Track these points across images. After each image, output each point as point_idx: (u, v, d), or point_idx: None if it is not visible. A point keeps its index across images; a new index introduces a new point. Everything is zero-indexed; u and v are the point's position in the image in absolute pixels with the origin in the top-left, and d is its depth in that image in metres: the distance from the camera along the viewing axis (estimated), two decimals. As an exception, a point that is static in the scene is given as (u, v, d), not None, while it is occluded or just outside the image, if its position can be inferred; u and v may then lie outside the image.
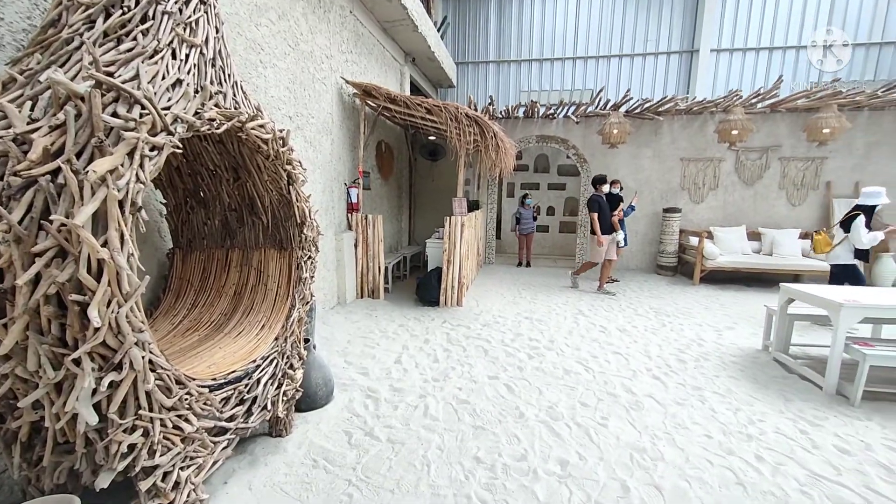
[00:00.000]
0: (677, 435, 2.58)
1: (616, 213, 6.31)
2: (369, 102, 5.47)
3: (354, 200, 5.53)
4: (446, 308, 5.34)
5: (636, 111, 7.50)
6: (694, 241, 7.12)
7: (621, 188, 6.75)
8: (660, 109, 7.36)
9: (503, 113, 8.05)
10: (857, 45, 9.21)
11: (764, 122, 7.38)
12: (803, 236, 7.14)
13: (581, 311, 5.29)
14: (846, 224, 4.44)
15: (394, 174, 7.53)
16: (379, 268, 5.67)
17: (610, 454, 2.38)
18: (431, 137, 7.96)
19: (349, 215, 5.56)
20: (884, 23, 9.06)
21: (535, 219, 8.19)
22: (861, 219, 4.28)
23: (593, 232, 6.15)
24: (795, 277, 6.86)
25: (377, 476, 2.16)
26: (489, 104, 7.60)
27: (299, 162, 2.30)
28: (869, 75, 9.17)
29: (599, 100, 7.26)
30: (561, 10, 10.15)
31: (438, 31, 8.63)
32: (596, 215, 6.08)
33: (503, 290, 6.37)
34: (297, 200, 2.27)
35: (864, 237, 4.22)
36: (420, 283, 5.63)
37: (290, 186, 2.23)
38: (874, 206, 4.33)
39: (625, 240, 6.39)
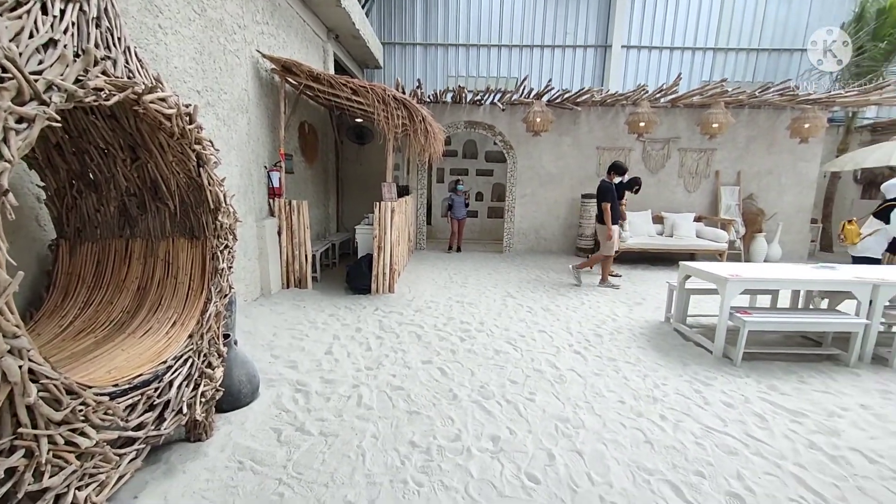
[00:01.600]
0: (595, 403, 2.81)
1: (623, 202, 6.21)
2: (289, 80, 5.12)
3: (276, 185, 5.19)
4: (378, 295, 5.26)
5: (557, 101, 7.85)
6: (608, 224, 7.70)
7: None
8: (578, 100, 7.77)
9: (431, 97, 8.00)
10: (739, 50, 10.44)
11: (666, 116, 8.11)
12: (697, 219, 8.04)
13: (510, 294, 5.51)
14: (883, 215, 4.35)
15: (319, 157, 7.18)
16: (306, 256, 5.42)
17: (537, 426, 2.53)
18: (358, 120, 7.70)
19: (271, 201, 5.22)
20: (760, 32, 10.35)
21: (467, 205, 8.32)
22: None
23: (602, 222, 5.80)
24: (691, 256, 7.73)
25: (310, 471, 2.09)
26: (417, 87, 7.51)
27: (210, 142, 2.09)
28: (749, 77, 10.47)
29: (523, 88, 7.49)
30: (486, -3, 10.24)
31: (363, 7, 8.29)
32: (608, 205, 5.67)
33: (435, 276, 6.42)
34: (209, 184, 2.07)
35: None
36: (350, 271, 5.48)
37: (201, 168, 2.02)
38: None
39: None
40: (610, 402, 2.83)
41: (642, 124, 7.22)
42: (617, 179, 5.90)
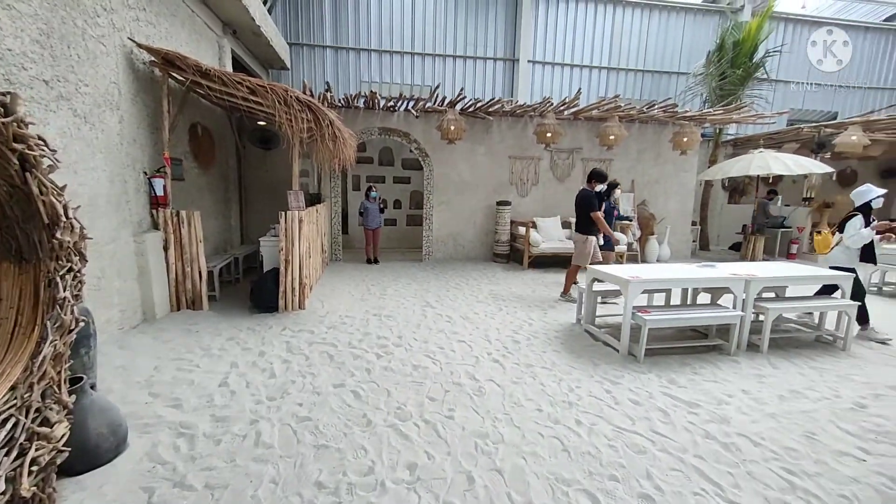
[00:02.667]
0: (514, 414, 2.77)
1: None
2: (174, 74, 4.53)
3: (160, 193, 4.54)
4: (287, 313, 4.83)
5: (470, 110, 7.98)
6: (522, 230, 7.97)
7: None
8: (489, 110, 7.97)
9: (343, 101, 7.68)
10: (628, 70, 11.56)
11: (570, 128, 8.65)
12: (600, 224, 8.65)
13: (429, 303, 5.39)
14: (842, 225, 4.33)
15: (217, 163, 6.49)
16: (200, 273, 4.80)
17: (456, 447, 2.40)
18: (261, 123, 7.11)
19: (154, 211, 4.55)
20: (644, 56, 11.56)
21: (382, 212, 8.07)
22: (858, 219, 4.23)
23: (581, 231, 5.49)
24: (596, 258, 8.28)
25: (188, 537, 1.74)
26: (326, 91, 7.14)
27: (42, 141, 1.67)
28: (637, 95, 11.63)
29: (437, 96, 7.49)
30: (397, 4, 10.16)
31: (265, 3, 7.71)
32: (598, 214, 5.34)
33: (351, 288, 6.10)
34: (41, 193, 1.64)
35: (853, 237, 4.21)
36: (254, 288, 4.97)
37: (27, 174, 1.59)
38: (870, 205, 4.26)
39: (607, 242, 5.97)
40: (528, 411, 2.81)
41: (549, 135, 7.61)
42: (598, 187, 5.48)
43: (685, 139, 8.03)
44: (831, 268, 4.41)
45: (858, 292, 4.26)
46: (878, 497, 2.06)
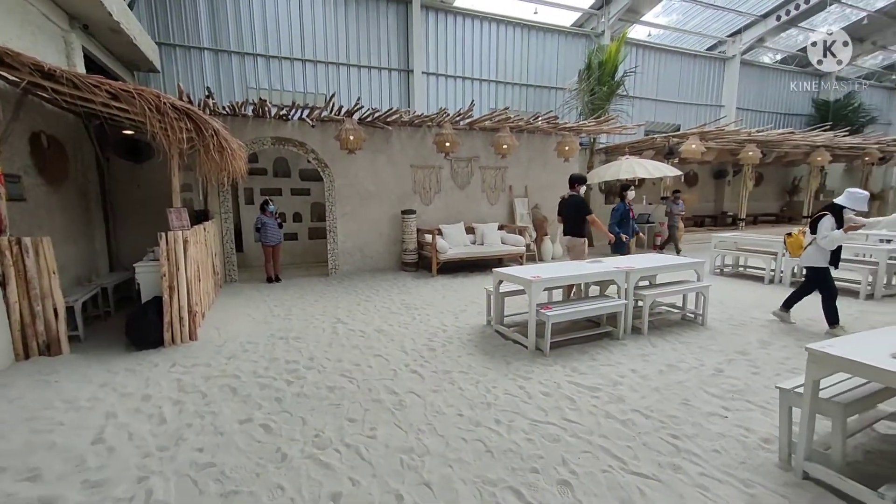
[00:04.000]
0: (437, 422, 2.79)
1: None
2: (3, 74, 3.75)
3: (-9, 219, 3.71)
4: (175, 347, 4.27)
5: (368, 119, 7.90)
6: (428, 238, 8.10)
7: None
8: (388, 119, 7.98)
9: (228, 109, 7.06)
10: (514, 84, 12.46)
11: (466, 137, 9.04)
12: (500, 228, 9.16)
13: (340, 319, 5.19)
14: (813, 225, 4.30)
15: (70, 178, 5.52)
16: (56, 310, 4.02)
17: (381, 467, 2.34)
18: (128, 132, 6.22)
19: (-17, 241, 3.70)
20: (527, 71, 12.56)
21: (281, 226, 7.57)
22: (828, 219, 4.18)
23: (573, 234, 5.60)
24: (500, 261, 8.75)
25: None
26: (207, 97, 6.51)
27: None
28: (524, 107, 12.59)
29: (333, 105, 7.28)
30: (283, 9, 9.68)
31: (124, -3, 6.78)
32: (594, 216, 5.49)
33: (251, 311, 5.61)
34: None
35: (825, 239, 4.18)
36: (131, 321, 4.30)
37: None
38: (843, 208, 4.19)
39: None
40: (450, 417, 2.85)
41: (447, 144, 7.86)
42: (582, 189, 5.67)
43: (566, 148, 8.90)
44: (806, 268, 4.50)
45: (830, 292, 4.34)
46: (740, 445, 2.49)
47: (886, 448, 2.47)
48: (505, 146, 8.24)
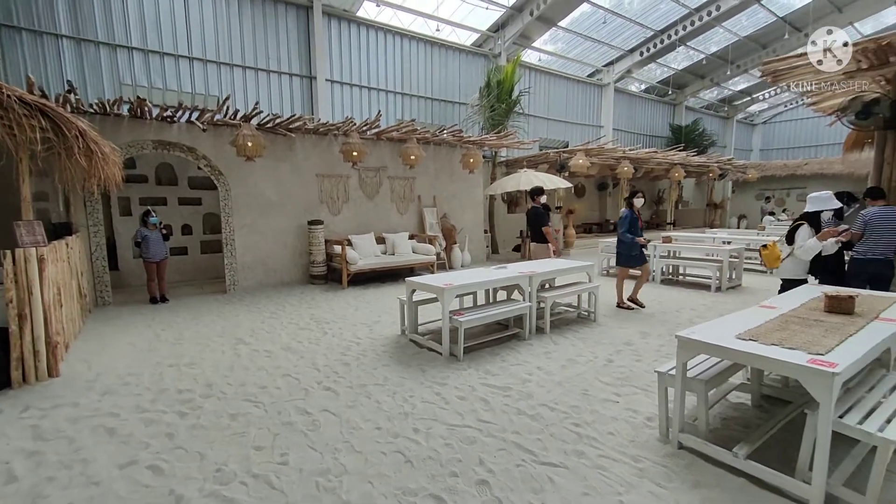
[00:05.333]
0: (354, 439, 2.71)
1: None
2: None
3: None
4: (28, 387, 3.56)
5: (269, 125, 7.46)
6: (338, 249, 7.86)
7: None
8: (291, 126, 7.62)
9: (97, 107, 6.15)
10: (420, 97, 12.74)
11: (374, 147, 8.99)
12: (411, 237, 9.24)
13: (242, 340, 4.77)
14: (790, 236, 4.15)
15: None
16: None
17: (295, 494, 2.21)
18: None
19: None
20: (431, 85, 12.93)
21: (166, 239, 6.73)
22: (804, 229, 4.08)
23: (538, 241, 6.29)
24: (411, 270, 8.80)
25: None
26: (69, 92, 5.60)
27: None
28: (429, 119, 12.92)
29: (227, 108, 6.75)
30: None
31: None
32: (548, 228, 6.20)
33: (132, 338, 4.90)
34: None
35: (801, 248, 4.06)
36: (-40, 362, 3.49)
37: None
38: (819, 213, 4.14)
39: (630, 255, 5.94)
40: (367, 432, 2.79)
41: (355, 153, 7.74)
42: (543, 199, 6.34)
43: (471, 160, 9.33)
44: (783, 280, 4.35)
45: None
46: (629, 426, 2.82)
47: (737, 414, 2.99)
48: (413, 157, 8.36)
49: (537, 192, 6.45)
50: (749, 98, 22.10)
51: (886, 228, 4.27)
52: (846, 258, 4.74)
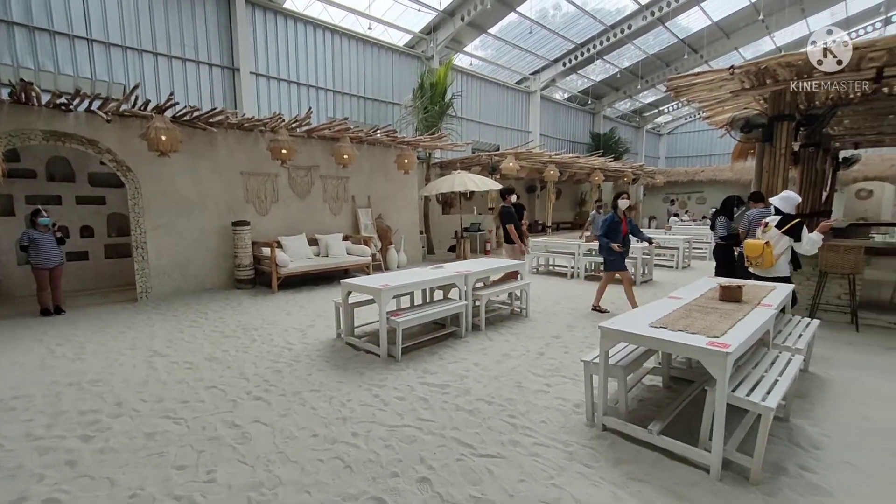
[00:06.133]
0: (289, 449, 2.61)
1: (523, 221, 6.71)
2: None
3: None
4: None
5: (185, 118, 6.89)
6: (266, 251, 7.46)
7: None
8: (211, 120, 7.10)
9: (-34, 90, 5.28)
10: (353, 95, 12.49)
11: (305, 145, 8.66)
12: (345, 238, 9.02)
13: (157, 352, 4.36)
14: (795, 232, 4.09)
15: None
16: None
17: (227, 510, 2.08)
18: None
19: None
20: (364, 84, 12.74)
21: (62, 243, 5.93)
22: (804, 227, 4.14)
23: (508, 241, 6.30)
24: (346, 272, 8.59)
25: None
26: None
27: None
28: (363, 118, 12.71)
29: (136, 98, 6.13)
30: (57, -30, 7.74)
31: None
32: (513, 226, 6.22)
33: (19, 355, 4.27)
34: None
35: (809, 241, 4.06)
36: None
37: None
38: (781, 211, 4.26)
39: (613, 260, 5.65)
40: (303, 440, 2.70)
41: (284, 151, 7.40)
42: (513, 198, 6.43)
43: (406, 160, 9.33)
44: (777, 278, 4.28)
45: (794, 301, 4.31)
46: (560, 413, 3.00)
47: (651, 395, 3.30)
48: (346, 156, 8.18)
49: (507, 191, 6.52)
50: (657, 110, 24.43)
51: (766, 227, 4.95)
52: (735, 253, 5.45)
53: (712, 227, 5.82)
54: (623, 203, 5.67)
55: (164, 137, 6.09)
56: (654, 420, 2.63)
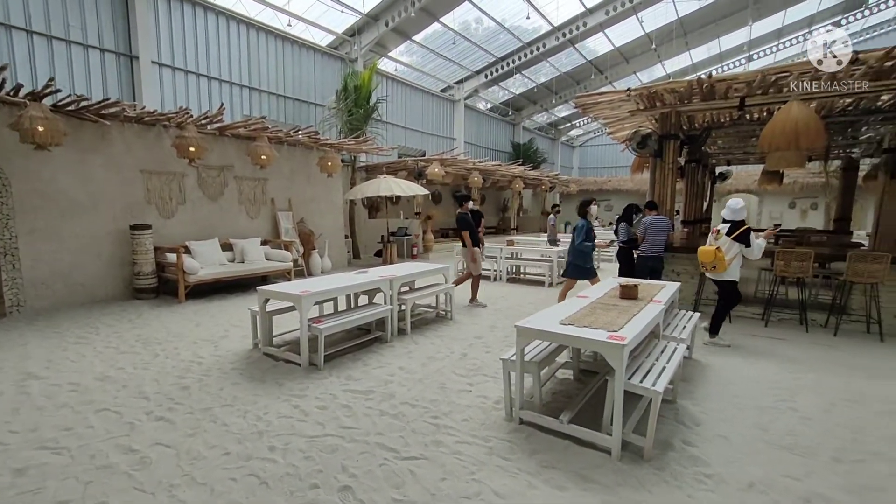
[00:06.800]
0: (196, 471, 2.42)
1: (480, 228, 6.84)
2: None
3: None
4: None
5: (71, 108, 6.07)
6: (172, 257, 6.80)
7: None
8: (104, 112, 6.33)
9: None
10: (270, 93, 11.90)
11: (216, 143, 8.06)
12: (264, 243, 8.53)
13: (32, 374, 3.77)
14: (744, 238, 4.36)
15: None
16: None
17: (122, 544, 1.88)
18: None
19: None
20: (283, 82, 12.18)
21: None
22: (752, 233, 4.40)
23: (465, 245, 6.43)
24: (264, 278, 8.13)
25: None
26: None
27: None
28: (282, 118, 12.14)
29: (3, 81, 5.29)
30: None
31: None
32: (467, 233, 6.32)
33: None
34: None
35: (757, 248, 4.40)
36: None
37: None
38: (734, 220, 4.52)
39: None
40: (213, 460, 2.52)
41: (192, 149, 6.82)
42: (471, 205, 6.61)
43: (329, 163, 9.08)
44: (725, 281, 4.61)
45: (734, 302, 4.70)
46: (481, 411, 3.13)
47: (563, 388, 3.57)
48: (264, 157, 7.75)
49: (464, 198, 6.63)
50: (570, 124, 26.36)
51: (658, 233, 5.61)
52: (635, 256, 6.07)
53: (615, 233, 6.47)
54: (594, 209, 5.89)
55: (41, 128, 5.30)
56: (564, 410, 2.85)
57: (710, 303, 6.01)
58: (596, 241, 6.00)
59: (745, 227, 4.39)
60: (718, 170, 11.09)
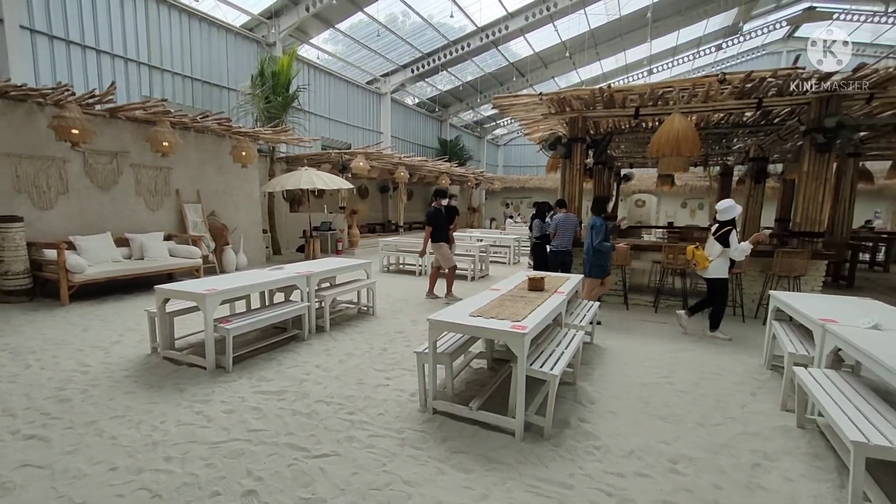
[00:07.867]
0: (74, 490, 2.18)
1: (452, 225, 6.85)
2: None
3: None
4: None
5: None
6: (52, 254, 5.96)
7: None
8: (-44, 83, 5.36)
9: None
10: (174, 73, 10.84)
11: (107, 126, 7.20)
12: (168, 238, 7.80)
13: None
14: (724, 239, 4.53)
15: None
16: None
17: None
18: None
19: None
20: (190, 62, 11.16)
21: None
22: (734, 232, 4.53)
23: (435, 241, 6.39)
24: (169, 276, 7.44)
25: None
26: None
27: None
28: (189, 102, 11.13)
29: None
30: None
31: None
32: (430, 229, 6.33)
33: None
34: None
35: (737, 250, 4.53)
36: None
37: None
38: (734, 219, 4.63)
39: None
40: (97, 476, 2.30)
41: (75, 131, 6.03)
42: (445, 201, 6.55)
43: (244, 153, 8.52)
44: (711, 279, 4.77)
45: (725, 301, 4.88)
46: (397, 404, 3.18)
47: (477, 377, 3.74)
48: (165, 143, 7.07)
49: (439, 193, 6.63)
50: (495, 123, 27.25)
51: (567, 229, 6.06)
52: (548, 250, 6.50)
53: (530, 228, 6.90)
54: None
55: None
56: (475, 398, 3.00)
57: (611, 292, 6.61)
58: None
59: (727, 228, 4.57)
60: (623, 171, 12.21)
